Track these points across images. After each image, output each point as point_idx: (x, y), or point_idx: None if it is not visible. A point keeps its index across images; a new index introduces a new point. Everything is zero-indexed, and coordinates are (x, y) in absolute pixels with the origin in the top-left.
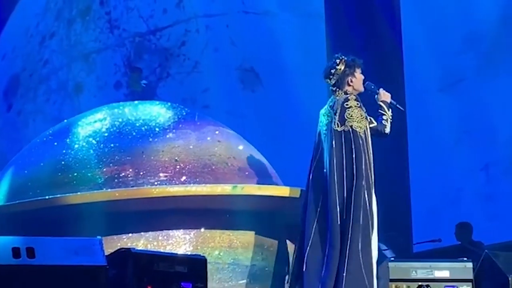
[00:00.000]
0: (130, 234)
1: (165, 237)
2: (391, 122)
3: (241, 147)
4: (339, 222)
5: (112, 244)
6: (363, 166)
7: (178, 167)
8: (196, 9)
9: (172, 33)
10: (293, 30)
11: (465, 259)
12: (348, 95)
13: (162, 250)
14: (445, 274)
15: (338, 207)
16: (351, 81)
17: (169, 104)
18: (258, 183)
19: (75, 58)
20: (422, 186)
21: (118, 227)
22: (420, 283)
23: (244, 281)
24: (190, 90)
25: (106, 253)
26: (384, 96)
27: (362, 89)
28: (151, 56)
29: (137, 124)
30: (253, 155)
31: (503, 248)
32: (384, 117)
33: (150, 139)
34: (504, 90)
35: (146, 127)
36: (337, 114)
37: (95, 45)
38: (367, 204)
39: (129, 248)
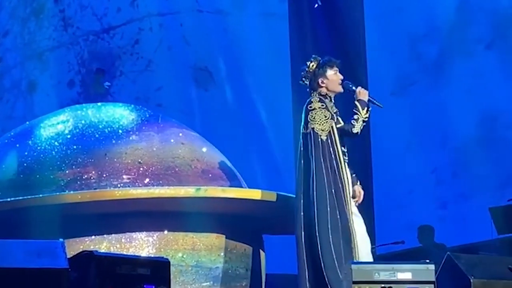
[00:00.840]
0: (92, 237)
1: (128, 240)
2: (364, 122)
3: (204, 149)
4: (302, 229)
5: (75, 246)
6: (323, 170)
7: (141, 169)
8: (150, 8)
9: (126, 31)
10: (248, 30)
11: (427, 261)
12: (312, 97)
13: (125, 253)
14: (407, 276)
15: (302, 212)
16: (323, 82)
17: (132, 106)
18: (221, 186)
19: (29, 56)
20: (380, 187)
21: (81, 230)
22: (382, 285)
23: (207, 283)
24: (143, 88)
25: (68, 256)
26: (361, 94)
27: (338, 89)
28: (104, 55)
29: (100, 126)
30: (217, 157)
31: (465, 250)
32: (355, 116)
33: (113, 141)
34: (454, 94)
35: (109, 129)
36: (303, 116)
37: (49, 43)
38: (331, 209)
39: (92, 251)
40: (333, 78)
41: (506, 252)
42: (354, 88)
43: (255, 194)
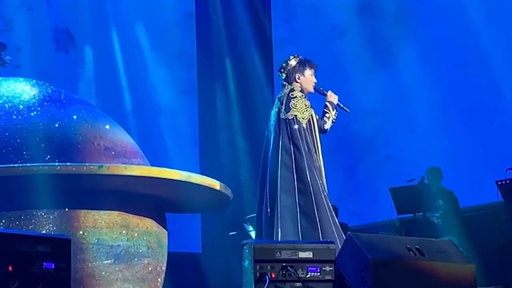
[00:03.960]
0: None
1: (28, 217)
2: (333, 121)
3: (108, 127)
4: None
5: None
6: (303, 153)
7: (42, 145)
8: None
9: None
10: None
11: (328, 240)
12: (293, 86)
13: (25, 230)
14: (308, 255)
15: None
16: (299, 78)
17: (34, 81)
18: (125, 163)
19: None
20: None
21: None
22: (284, 264)
23: (108, 261)
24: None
25: None
26: (331, 97)
27: (310, 89)
28: None
29: (0, 101)
30: (120, 134)
31: (366, 230)
32: (327, 115)
33: (14, 117)
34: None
35: (9, 104)
36: (283, 103)
37: None
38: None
39: None
40: (309, 78)
41: (405, 232)
42: (325, 91)
43: (158, 172)
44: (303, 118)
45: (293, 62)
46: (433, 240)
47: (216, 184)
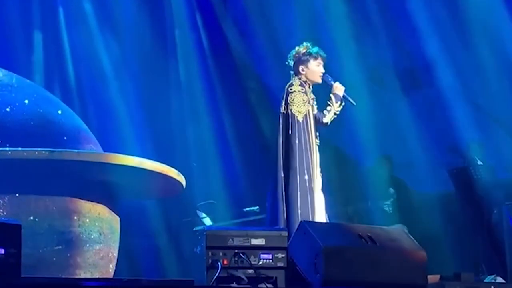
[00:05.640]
0: None
1: None
2: (336, 114)
3: (60, 112)
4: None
5: None
6: (297, 148)
7: None
8: None
9: None
10: None
11: (281, 227)
12: (292, 80)
13: None
14: (261, 242)
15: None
16: (303, 70)
17: None
18: (77, 149)
19: None
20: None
21: None
22: (236, 251)
23: (60, 247)
24: None
25: None
26: (337, 89)
27: (317, 80)
28: None
29: None
30: (73, 120)
31: None
32: (328, 108)
33: None
34: None
35: None
36: (283, 97)
37: None
38: (300, 185)
39: None
40: (314, 69)
41: (357, 220)
42: (332, 82)
43: (110, 158)
44: (299, 112)
45: (300, 50)
46: (385, 228)
47: (169, 171)
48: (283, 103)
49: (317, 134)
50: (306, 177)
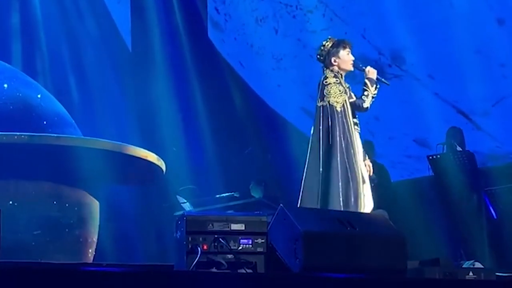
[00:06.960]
0: None
1: None
2: (373, 97)
3: (39, 96)
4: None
5: None
6: (337, 138)
7: None
8: None
9: None
10: None
11: (260, 212)
12: (326, 73)
13: None
14: (240, 227)
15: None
16: (335, 61)
17: None
18: (56, 133)
19: None
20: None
21: None
22: (216, 236)
23: (39, 231)
24: None
25: None
26: (370, 73)
27: (349, 68)
28: None
29: None
30: (52, 104)
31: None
32: (365, 93)
33: None
34: None
35: None
36: (319, 90)
37: None
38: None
39: None
40: (345, 58)
41: None
42: (364, 67)
43: (90, 142)
44: (337, 103)
45: (328, 44)
46: (365, 213)
47: (149, 155)
48: (319, 96)
49: (356, 121)
50: (347, 165)
